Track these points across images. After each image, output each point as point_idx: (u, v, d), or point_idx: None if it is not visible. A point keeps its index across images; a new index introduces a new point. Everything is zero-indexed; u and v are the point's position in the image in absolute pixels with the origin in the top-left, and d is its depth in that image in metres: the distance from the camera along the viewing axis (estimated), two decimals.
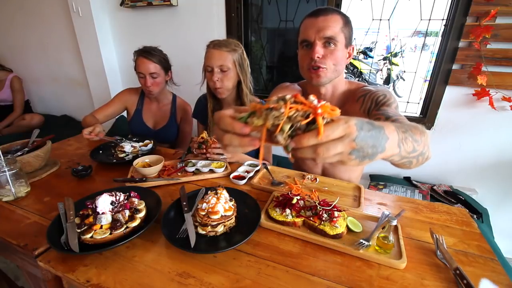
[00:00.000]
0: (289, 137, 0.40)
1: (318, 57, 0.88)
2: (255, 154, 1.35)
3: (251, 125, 0.41)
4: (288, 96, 0.40)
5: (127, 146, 1.25)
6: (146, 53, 1.44)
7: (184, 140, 1.70)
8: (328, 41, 0.87)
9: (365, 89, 0.97)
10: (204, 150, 1.12)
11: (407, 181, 1.82)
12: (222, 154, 1.12)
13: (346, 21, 0.89)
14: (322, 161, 0.41)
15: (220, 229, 0.71)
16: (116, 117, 1.71)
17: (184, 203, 0.78)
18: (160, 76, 1.48)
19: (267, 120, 0.39)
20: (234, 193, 0.83)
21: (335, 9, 0.90)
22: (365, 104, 0.93)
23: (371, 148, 0.43)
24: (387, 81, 5.15)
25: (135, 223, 0.71)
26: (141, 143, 1.32)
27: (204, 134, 1.14)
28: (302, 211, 0.78)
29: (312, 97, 0.41)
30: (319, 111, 0.38)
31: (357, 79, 4.58)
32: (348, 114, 0.90)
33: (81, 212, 0.73)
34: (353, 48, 0.95)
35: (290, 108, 0.39)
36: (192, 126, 1.69)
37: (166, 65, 1.52)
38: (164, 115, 1.64)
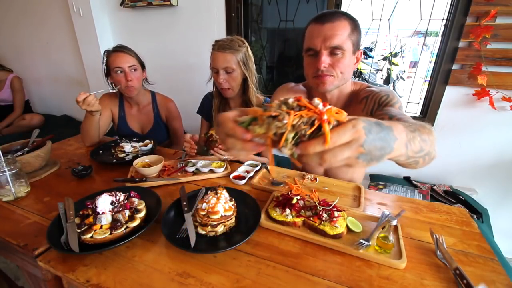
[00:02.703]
0: (294, 144, 0.38)
1: (324, 66, 0.86)
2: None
3: (252, 132, 0.39)
4: (291, 100, 0.39)
5: (127, 146, 1.25)
6: (120, 47, 1.37)
7: (177, 137, 1.63)
8: (335, 51, 0.84)
9: (368, 90, 0.96)
10: (212, 150, 1.13)
11: (407, 181, 1.82)
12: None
13: (354, 26, 0.86)
14: (328, 166, 0.39)
15: (220, 229, 0.71)
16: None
17: (184, 203, 0.78)
18: (138, 71, 1.40)
19: (269, 129, 0.38)
20: (234, 193, 0.83)
21: (342, 13, 0.86)
22: (368, 105, 0.92)
23: (379, 150, 0.41)
24: (387, 81, 5.15)
25: (135, 223, 0.71)
26: (141, 143, 1.32)
27: (214, 131, 1.12)
28: (302, 211, 0.77)
29: (317, 100, 0.39)
30: (325, 117, 0.37)
31: (357, 79, 4.57)
32: (352, 115, 0.91)
33: (81, 212, 0.73)
34: (361, 53, 0.92)
35: (297, 115, 0.37)
36: (181, 120, 1.64)
37: (141, 61, 1.44)
38: (147, 117, 1.56)
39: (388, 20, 1.78)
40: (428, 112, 1.72)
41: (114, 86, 1.44)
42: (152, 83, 1.57)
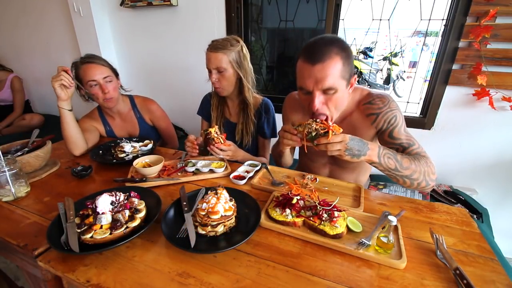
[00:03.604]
0: (315, 138, 0.80)
1: (318, 107, 0.87)
2: (256, 151, 1.45)
3: (298, 131, 0.85)
4: (318, 120, 0.82)
5: (127, 146, 1.25)
6: (90, 58, 1.29)
7: (169, 137, 1.60)
8: (327, 91, 0.84)
9: (373, 104, 0.96)
10: (208, 147, 1.13)
11: None
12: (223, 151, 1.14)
13: (346, 57, 0.83)
14: (330, 153, 0.79)
15: (220, 229, 0.71)
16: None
17: (184, 203, 0.78)
18: (114, 80, 1.35)
19: (305, 129, 0.82)
20: (234, 193, 0.83)
21: (332, 44, 0.82)
22: (378, 122, 0.96)
23: (357, 151, 0.80)
24: (387, 81, 5.16)
25: (135, 223, 0.71)
26: (141, 143, 1.32)
27: (213, 129, 1.10)
28: (302, 211, 0.78)
29: (330, 121, 0.83)
30: (331, 128, 0.78)
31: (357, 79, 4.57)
32: (354, 123, 1.05)
33: (81, 212, 0.73)
34: (355, 78, 0.92)
35: (318, 125, 0.80)
36: (168, 119, 1.59)
37: (114, 69, 1.38)
38: (132, 124, 1.50)
39: (388, 20, 1.78)
40: (428, 112, 1.72)
41: (87, 98, 1.36)
42: (128, 90, 1.50)
